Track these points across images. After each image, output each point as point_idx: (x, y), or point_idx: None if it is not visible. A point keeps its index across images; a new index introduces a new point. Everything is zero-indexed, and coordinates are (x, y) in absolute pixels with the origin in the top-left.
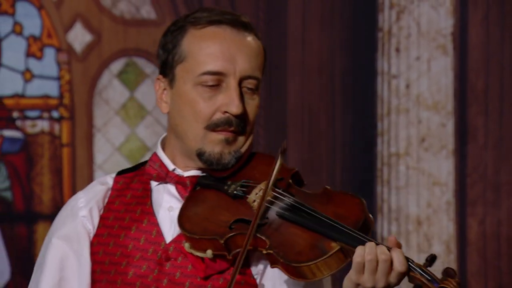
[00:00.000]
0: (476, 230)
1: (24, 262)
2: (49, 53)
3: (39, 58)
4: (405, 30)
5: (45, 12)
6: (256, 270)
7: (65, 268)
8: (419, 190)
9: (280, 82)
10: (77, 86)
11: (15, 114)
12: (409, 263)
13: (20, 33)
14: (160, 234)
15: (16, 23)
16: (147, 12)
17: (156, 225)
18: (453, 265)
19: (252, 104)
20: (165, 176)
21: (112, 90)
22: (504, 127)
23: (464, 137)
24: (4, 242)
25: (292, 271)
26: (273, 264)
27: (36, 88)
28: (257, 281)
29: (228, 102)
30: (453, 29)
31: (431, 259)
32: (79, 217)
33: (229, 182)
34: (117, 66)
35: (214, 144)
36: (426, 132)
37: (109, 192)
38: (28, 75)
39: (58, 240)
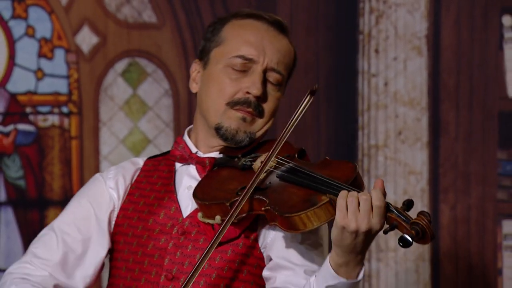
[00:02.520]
0: (448, 215)
1: None
2: (59, 54)
3: (50, 58)
4: (384, 33)
5: (55, 17)
6: (263, 244)
7: (88, 228)
8: (396, 179)
9: None
10: (85, 84)
11: (28, 110)
12: (388, 203)
13: (32, 36)
14: (178, 210)
15: (28, 26)
16: (149, 16)
17: (175, 202)
18: (427, 247)
19: (273, 95)
20: (187, 157)
21: (116, 87)
22: (473, 122)
23: (437, 130)
24: (18, 226)
25: (286, 223)
26: (271, 221)
27: (47, 85)
28: (264, 255)
29: (251, 84)
30: (427, 32)
31: (408, 203)
32: (107, 187)
33: (240, 157)
34: (121, 65)
35: (231, 120)
36: (403, 126)
37: (138, 172)
38: (40, 74)
39: (85, 201)
